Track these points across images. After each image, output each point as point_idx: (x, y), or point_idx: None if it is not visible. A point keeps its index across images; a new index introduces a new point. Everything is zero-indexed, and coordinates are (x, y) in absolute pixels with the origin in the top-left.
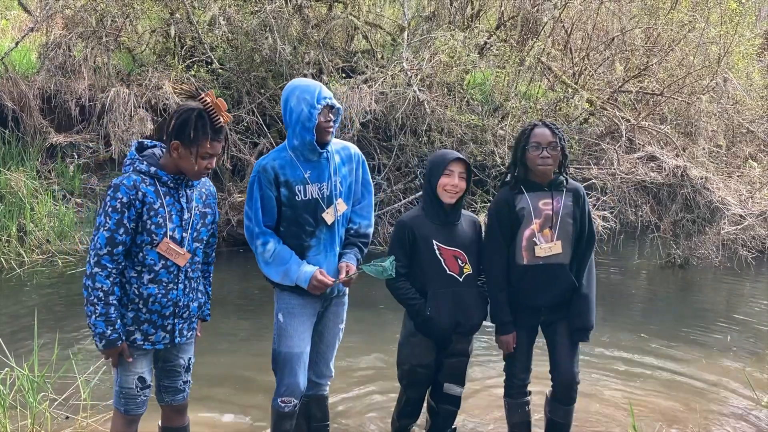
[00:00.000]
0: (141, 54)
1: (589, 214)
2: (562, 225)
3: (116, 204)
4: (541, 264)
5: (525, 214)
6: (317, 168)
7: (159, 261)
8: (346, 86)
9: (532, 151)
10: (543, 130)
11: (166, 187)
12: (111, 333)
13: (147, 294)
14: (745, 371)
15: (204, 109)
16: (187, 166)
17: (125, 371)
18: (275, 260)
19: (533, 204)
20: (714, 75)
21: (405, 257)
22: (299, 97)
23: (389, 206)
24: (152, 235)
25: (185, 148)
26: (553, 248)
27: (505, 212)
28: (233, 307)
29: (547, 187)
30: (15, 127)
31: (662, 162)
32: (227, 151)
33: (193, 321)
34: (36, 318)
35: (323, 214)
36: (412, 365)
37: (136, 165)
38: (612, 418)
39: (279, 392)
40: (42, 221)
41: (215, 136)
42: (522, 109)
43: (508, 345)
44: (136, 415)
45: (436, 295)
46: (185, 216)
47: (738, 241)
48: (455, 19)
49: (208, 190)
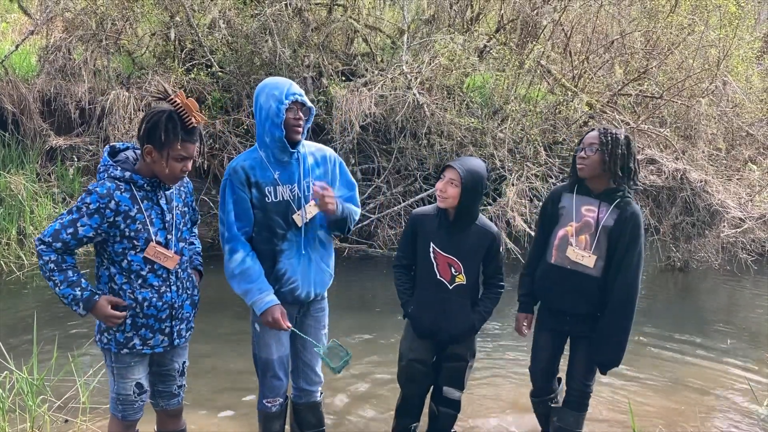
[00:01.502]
0: (141, 57)
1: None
2: (599, 238)
3: (81, 206)
4: (568, 268)
5: (564, 213)
6: (288, 169)
7: (145, 266)
8: (346, 89)
9: (578, 154)
10: (592, 133)
11: (143, 191)
12: (80, 292)
13: (141, 298)
14: (744, 374)
15: (175, 110)
16: (160, 170)
17: (122, 378)
18: (241, 275)
19: (576, 206)
20: (713, 78)
21: (408, 249)
22: (268, 94)
23: (389, 209)
24: (133, 241)
25: (157, 152)
26: (585, 259)
27: (548, 206)
28: (230, 310)
29: (597, 196)
30: (15, 130)
31: (662, 165)
32: (227, 154)
33: (190, 321)
34: (35, 321)
35: (293, 216)
36: (409, 360)
37: (110, 171)
38: (612, 420)
39: (263, 394)
40: (42, 224)
41: (187, 138)
42: (521, 112)
43: (518, 322)
44: (133, 421)
45: (421, 297)
46: (167, 218)
47: (737, 244)
48: (455, 22)
49: (186, 187)
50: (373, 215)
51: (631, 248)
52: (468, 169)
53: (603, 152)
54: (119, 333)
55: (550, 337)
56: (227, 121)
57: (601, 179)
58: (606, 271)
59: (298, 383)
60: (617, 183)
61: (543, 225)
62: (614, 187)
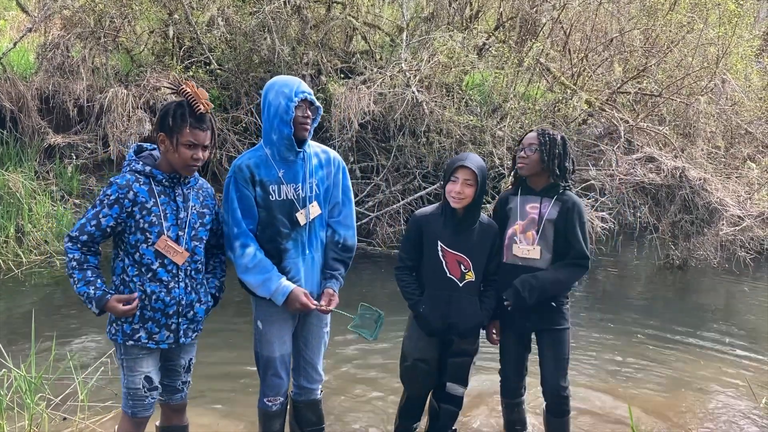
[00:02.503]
0: (139, 55)
1: (579, 232)
2: (544, 231)
3: (103, 198)
4: (519, 264)
5: (511, 214)
6: (292, 168)
7: (156, 260)
8: (345, 87)
9: (519, 154)
10: (531, 134)
11: (162, 186)
12: (94, 291)
13: (150, 291)
14: (743, 372)
15: (185, 99)
16: (173, 158)
17: (131, 371)
18: (256, 267)
19: (521, 205)
20: (712, 76)
21: (413, 251)
22: (278, 91)
23: (388, 207)
24: (146, 234)
25: (169, 139)
26: (531, 252)
27: (498, 210)
28: (233, 307)
29: (539, 193)
30: (13, 128)
31: (661, 163)
32: (225, 152)
33: (199, 323)
34: (34, 319)
35: (296, 214)
36: (414, 359)
37: (132, 165)
38: (611, 419)
39: (264, 392)
40: (40, 222)
41: (196, 124)
42: (521, 110)
43: (488, 331)
44: (143, 418)
45: (432, 296)
46: (181, 215)
47: (736, 242)
48: (454, 20)
49: (205, 191)
50: (372, 213)
51: (578, 236)
52: (479, 166)
53: (542, 152)
54: (126, 324)
55: (514, 338)
56: (226, 119)
57: (541, 177)
58: (554, 261)
59: (299, 381)
60: (555, 180)
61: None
62: (553, 183)
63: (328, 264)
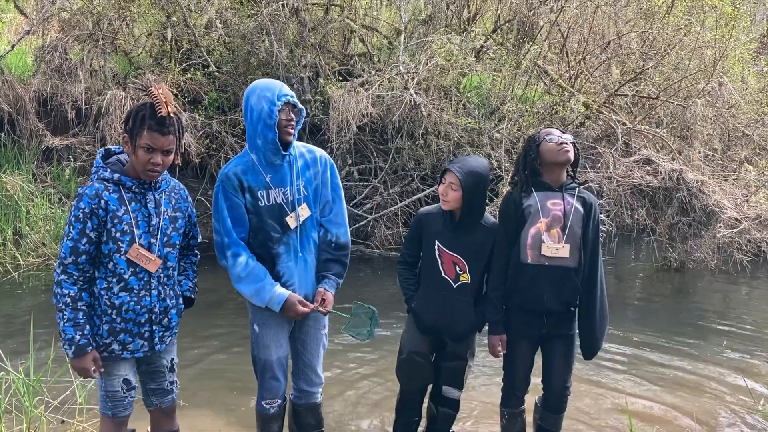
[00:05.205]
0: (137, 57)
1: (597, 227)
2: (572, 228)
3: (79, 214)
4: (546, 265)
5: (532, 212)
6: (279, 172)
7: (128, 268)
8: (343, 89)
9: (549, 143)
10: (552, 129)
11: (132, 192)
12: (80, 338)
13: (119, 303)
14: (741, 374)
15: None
16: (133, 161)
17: (109, 376)
18: (249, 276)
19: (541, 202)
20: (709, 79)
21: (414, 248)
22: (259, 95)
23: (386, 209)
24: (118, 243)
25: (130, 141)
26: (560, 250)
27: (511, 211)
28: (227, 310)
29: (558, 189)
30: (11, 130)
31: (658, 165)
32: (223, 154)
33: (173, 329)
34: (32, 321)
35: (286, 218)
36: (410, 352)
37: (100, 173)
38: (609, 420)
39: (261, 395)
40: (38, 224)
41: (156, 127)
42: (518, 112)
43: (493, 347)
44: (123, 417)
45: (425, 294)
46: (153, 221)
47: (733, 244)
48: (452, 23)
49: (178, 193)
50: (370, 215)
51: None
52: (467, 171)
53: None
54: (98, 337)
55: (527, 346)
56: (224, 122)
57: (561, 173)
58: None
59: (299, 384)
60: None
61: (507, 231)
62: (570, 179)
63: (322, 266)
